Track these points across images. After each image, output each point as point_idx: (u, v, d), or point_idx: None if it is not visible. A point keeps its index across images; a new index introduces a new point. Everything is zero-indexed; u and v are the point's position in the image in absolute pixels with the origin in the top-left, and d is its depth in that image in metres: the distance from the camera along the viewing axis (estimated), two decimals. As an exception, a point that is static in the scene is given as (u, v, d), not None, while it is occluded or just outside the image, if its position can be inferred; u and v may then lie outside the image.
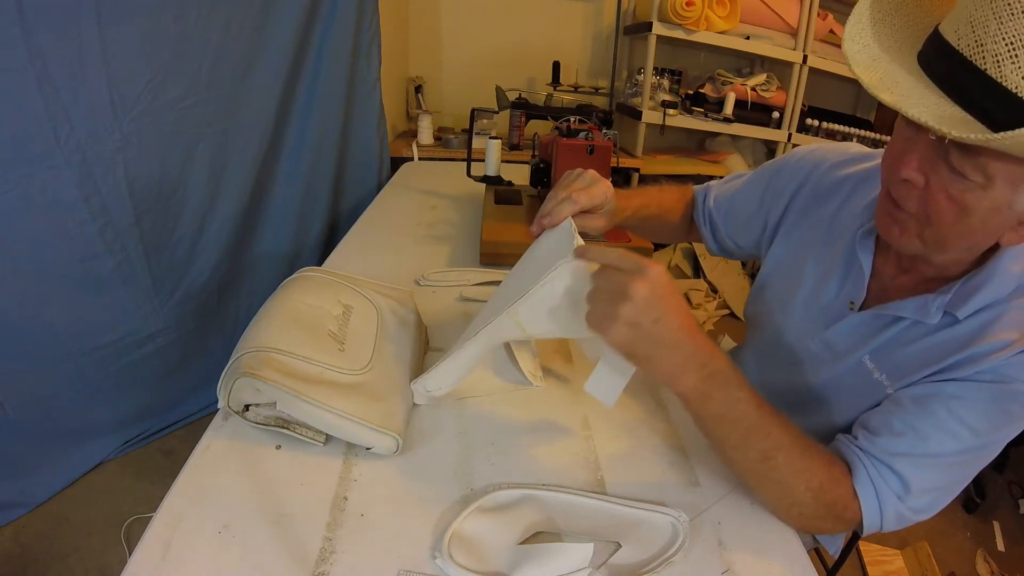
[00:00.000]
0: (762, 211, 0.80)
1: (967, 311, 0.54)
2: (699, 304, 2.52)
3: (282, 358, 0.56)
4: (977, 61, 0.44)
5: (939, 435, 0.52)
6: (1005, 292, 0.54)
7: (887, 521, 0.53)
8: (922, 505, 0.54)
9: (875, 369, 0.61)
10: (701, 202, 0.89)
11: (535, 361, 0.74)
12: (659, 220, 0.88)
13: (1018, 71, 0.42)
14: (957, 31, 0.46)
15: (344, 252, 1.09)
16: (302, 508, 0.51)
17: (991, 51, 0.43)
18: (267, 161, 1.53)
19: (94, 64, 1.13)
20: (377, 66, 1.70)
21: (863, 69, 0.50)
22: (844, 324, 0.65)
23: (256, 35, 1.37)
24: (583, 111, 1.38)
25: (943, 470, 0.54)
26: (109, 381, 1.42)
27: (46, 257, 1.20)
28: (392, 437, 0.56)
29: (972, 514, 1.67)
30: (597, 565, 0.48)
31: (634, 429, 0.66)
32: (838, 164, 0.73)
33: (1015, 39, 0.41)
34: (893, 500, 0.53)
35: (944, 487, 0.55)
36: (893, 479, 0.53)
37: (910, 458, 0.53)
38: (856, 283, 0.65)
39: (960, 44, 0.45)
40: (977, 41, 0.44)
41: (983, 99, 0.44)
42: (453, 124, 2.53)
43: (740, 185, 0.85)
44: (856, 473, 0.54)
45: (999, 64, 0.42)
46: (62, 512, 1.38)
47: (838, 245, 0.68)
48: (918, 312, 0.58)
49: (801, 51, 2.34)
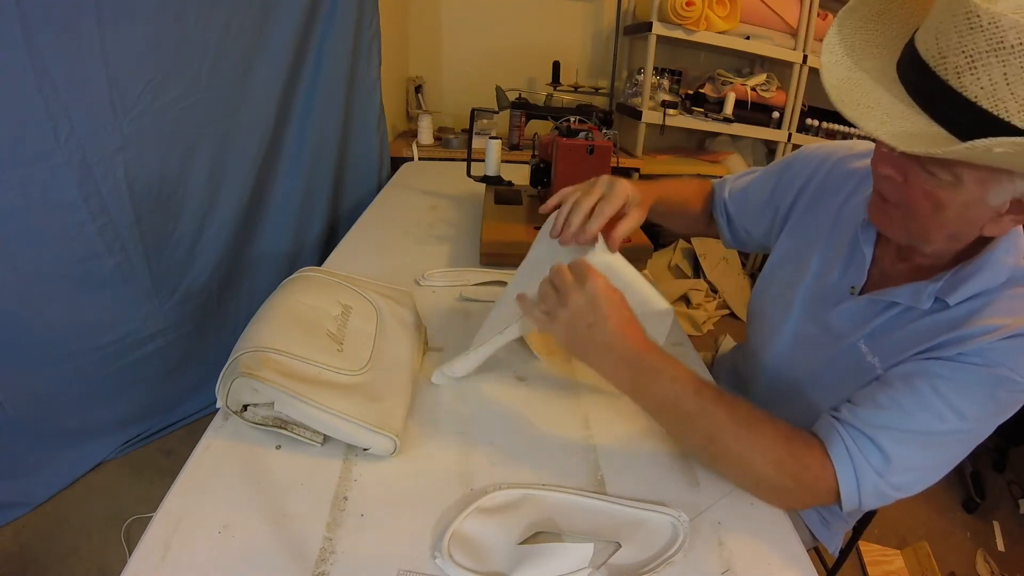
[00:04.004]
0: (773, 203, 0.83)
1: (958, 298, 0.56)
2: (699, 304, 2.52)
3: (280, 358, 0.56)
4: (940, 72, 0.46)
5: (924, 414, 0.53)
6: (997, 282, 0.56)
7: (865, 495, 0.54)
8: (904, 483, 0.54)
9: (869, 352, 0.63)
10: (719, 195, 0.92)
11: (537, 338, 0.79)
12: (683, 208, 0.91)
13: (976, 82, 0.44)
14: (925, 41, 0.48)
15: (344, 252, 1.09)
16: (302, 508, 0.51)
17: (952, 63, 0.45)
18: (267, 161, 1.53)
19: (94, 64, 1.13)
20: (377, 66, 1.70)
21: (833, 80, 0.52)
22: (843, 308, 0.68)
23: (256, 35, 1.37)
24: (583, 111, 1.38)
25: (926, 448, 0.54)
26: (109, 381, 1.42)
27: (46, 257, 1.20)
28: (389, 438, 0.56)
29: (972, 514, 1.67)
30: (597, 565, 0.48)
31: (634, 429, 0.66)
32: (846, 159, 0.76)
33: (974, 51, 0.43)
34: (871, 474, 0.53)
35: (928, 466, 0.55)
36: (873, 451, 0.53)
37: (892, 432, 0.53)
38: (858, 269, 0.68)
39: (927, 55, 0.48)
40: (940, 53, 0.46)
41: (947, 108, 0.47)
42: (453, 124, 2.53)
43: (754, 178, 0.88)
44: (832, 444, 0.54)
45: (959, 75, 0.45)
46: (62, 512, 1.38)
47: (844, 235, 0.71)
48: (911, 298, 0.60)
49: (801, 51, 2.34)
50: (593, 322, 0.57)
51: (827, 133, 2.53)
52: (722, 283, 2.61)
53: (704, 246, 2.64)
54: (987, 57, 0.43)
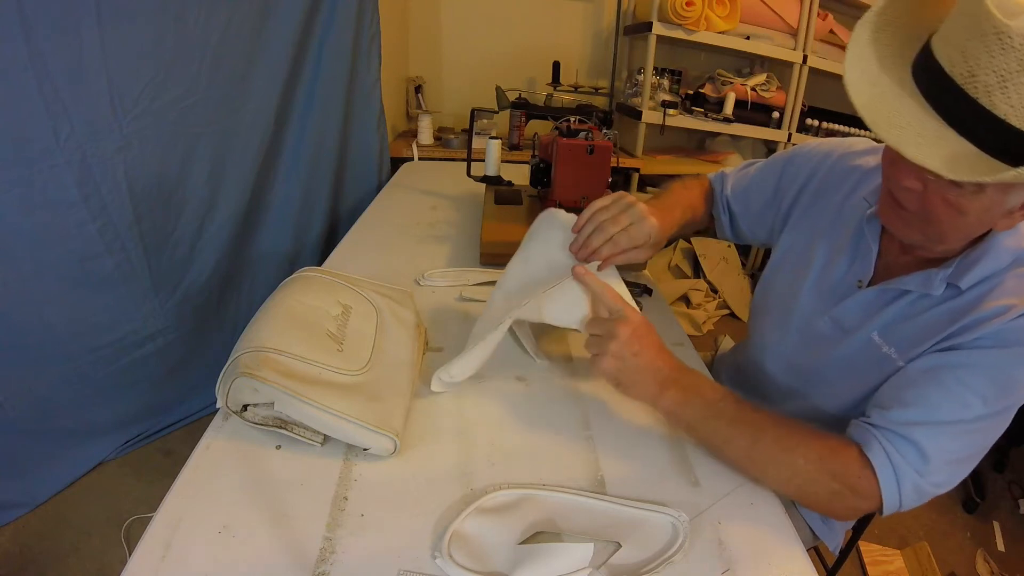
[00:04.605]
0: (776, 200, 0.84)
1: (969, 281, 0.58)
2: (699, 304, 2.52)
3: (280, 358, 0.56)
4: (969, 90, 0.47)
5: (950, 404, 0.54)
6: (1003, 264, 0.57)
7: (906, 495, 0.55)
8: (942, 479, 0.55)
9: (883, 343, 0.64)
10: (719, 191, 0.92)
11: (535, 342, 0.79)
12: (692, 220, 0.91)
13: (1007, 101, 0.45)
14: (950, 58, 0.49)
15: (344, 252, 1.09)
16: (302, 508, 0.51)
17: (983, 81, 0.46)
18: (267, 161, 1.53)
19: (94, 64, 1.13)
20: (377, 66, 1.70)
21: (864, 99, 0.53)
22: (852, 301, 0.68)
23: (256, 35, 1.37)
24: (583, 111, 1.38)
25: (957, 438, 0.55)
26: (109, 381, 1.42)
27: (46, 257, 1.20)
28: (389, 438, 0.56)
29: (972, 514, 1.67)
30: (597, 565, 0.48)
31: (634, 429, 0.66)
32: (847, 155, 0.77)
33: (1005, 71, 0.45)
34: (911, 473, 0.54)
35: (962, 458, 0.56)
36: (910, 450, 0.54)
37: (924, 427, 0.54)
38: (864, 262, 0.69)
39: (953, 72, 0.49)
40: (970, 72, 0.47)
41: (975, 125, 0.48)
42: (453, 124, 2.53)
43: (754, 173, 0.89)
44: (870, 447, 0.55)
45: (990, 94, 0.46)
46: (62, 512, 1.38)
47: (847, 228, 0.72)
48: (923, 285, 0.61)
49: (801, 51, 2.34)
50: (639, 350, 0.61)
51: (827, 133, 2.54)
52: (722, 283, 2.61)
53: (704, 246, 2.64)
54: (1018, 76, 0.44)
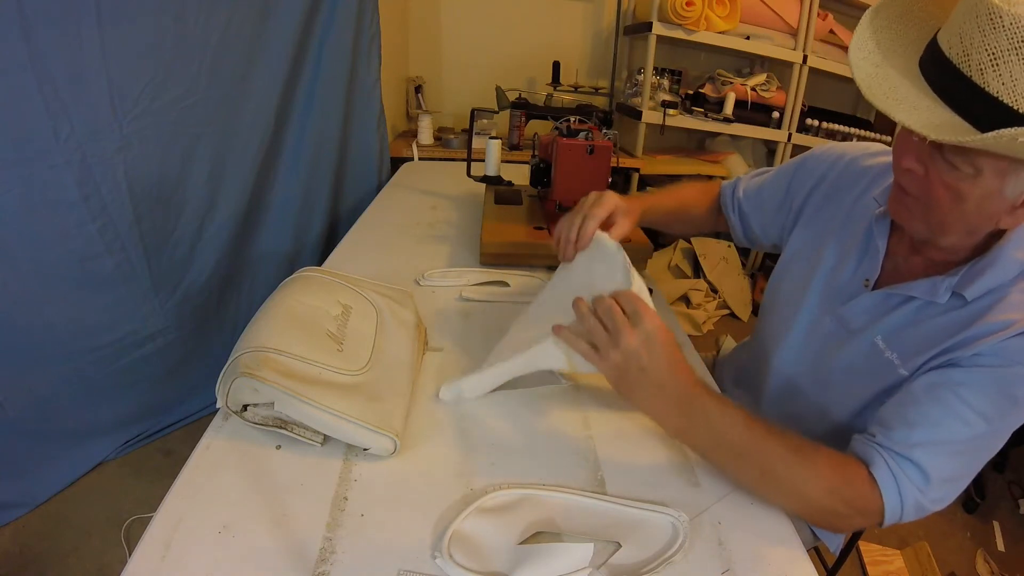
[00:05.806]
0: (787, 202, 0.85)
1: (974, 292, 0.58)
2: (699, 304, 2.52)
3: (280, 358, 0.56)
4: (964, 69, 0.49)
5: (950, 421, 0.55)
6: (1009, 276, 0.57)
7: (907, 512, 0.55)
8: (941, 496, 0.56)
9: (886, 348, 0.64)
10: (730, 194, 0.93)
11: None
12: (681, 212, 0.93)
13: (999, 78, 0.47)
14: (949, 41, 0.51)
15: (344, 252, 1.09)
16: (302, 508, 0.51)
17: (976, 60, 0.48)
18: (267, 161, 1.53)
19: (94, 64, 1.13)
20: (377, 66, 1.70)
21: (863, 74, 0.55)
22: (858, 302, 0.69)
23: (256, 35, 1.37)
24: (583, 111, 1.38)
25: (957, 457, 0.56)
26: (109, 381, 1.42)
27: (46, 257, 1.20)
28: (389, 438, 0.56)
29: (972, 514, 1.67)
30: (597, 565, 0.48)
31: (634, 429, 0.66)
32: (859, 157, 0.78)
33: (996, 50, 0.46)
34: (914, 491, 0.55)
35: (959, 476, 0.57)
36: (913, 470, 0.55)
37: (926, 447, 0.55)
38: (872, 262, 0.69)
39: (951, 53, 0.50)
40: (964, 51, 0.49)
41: (970, 103, 0.49)
42: (453, 124, 2.53)
43: (768, 178, 0.90)
44: (876, 467, 0.56)
45: (983, 71, 0.48)
46: (62, 512, 1.38)
47: (857, 229, 0.72)
48: (928, 292, 0.61)
49: (801, 51, 2.34)
50: (646, 365, 0.56)
51: (827, 133, 2.53)
52: (722, 283, 2.61)
53: (704, 246, 2.64)
54: (1009, 55, 0.46)
